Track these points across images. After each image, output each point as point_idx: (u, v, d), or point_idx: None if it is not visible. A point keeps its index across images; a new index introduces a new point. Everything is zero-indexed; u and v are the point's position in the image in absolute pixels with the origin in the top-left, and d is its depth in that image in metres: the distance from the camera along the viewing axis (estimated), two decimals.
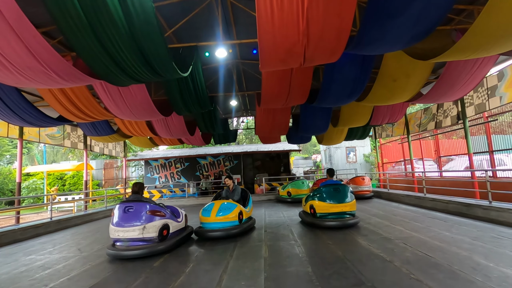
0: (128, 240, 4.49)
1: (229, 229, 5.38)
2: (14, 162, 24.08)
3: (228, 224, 5.45)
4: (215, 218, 5.42)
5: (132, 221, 4.44)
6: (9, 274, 3.98)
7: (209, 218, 5.45)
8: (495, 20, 3.42)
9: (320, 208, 5.88)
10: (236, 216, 5.53)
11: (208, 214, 5.49)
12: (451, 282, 2.88)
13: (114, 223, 4.50)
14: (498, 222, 5.44)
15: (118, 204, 4.69)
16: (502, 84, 6.92)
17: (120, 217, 4.50)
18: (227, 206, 5.62)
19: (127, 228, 4.42)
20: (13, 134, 8.55)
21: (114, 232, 4.50)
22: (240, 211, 5.67)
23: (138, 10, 3.60)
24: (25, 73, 3.91)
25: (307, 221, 6.21)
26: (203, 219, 5.53)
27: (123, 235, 4.44)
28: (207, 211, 5.57)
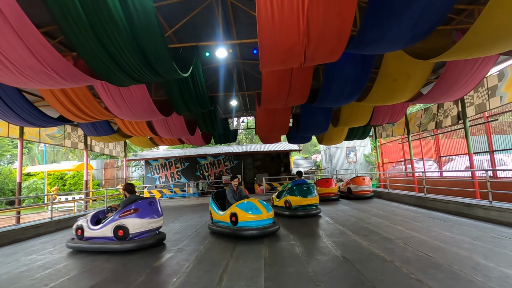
0: (156, 229, 5.28)
1: (272, 226, 5.46)
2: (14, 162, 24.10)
3: (271, 220, 5.55)
4: (268, 215, 5.41)
5: (158, 213, 5.25)
6: (9, 274, 3.98)
7: (262, 215, 5.33)
8: (495, 20, 3.42)
9: (295, 201, 7.54)
10: (272, 214, 5.58)
11: (260, 212, 5.34)
12: (452, 282, 2.87)
13: (146, 216, 5.01)
14: (499, 222, 5.44)
15: (139, 201, 5.09)
16: (502, 84, 6.92)
17: (150, 211, 5.10)
18: (265, 203, 5.63)
19: (157, 219, 5.20)
20: (13, 134, 8.56)
21: (147, 224, 5.02)
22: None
23: (139, 10, 3.60)
24: (25, 73, 3.92)
25: (285, 214, 7.60)
26: (252, 217, 5.29)
27: (155, 225, 5.16)
28: (254, 209, 5.36)
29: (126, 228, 4.84)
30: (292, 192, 7.65)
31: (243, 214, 5.32)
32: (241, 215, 5.32)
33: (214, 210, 6.10)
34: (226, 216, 5.57)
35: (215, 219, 6.07)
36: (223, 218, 5.71)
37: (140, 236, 4.99)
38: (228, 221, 5.52)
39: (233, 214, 5.41)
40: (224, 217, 5.67)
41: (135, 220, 4.89)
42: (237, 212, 5.36)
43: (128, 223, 4.85)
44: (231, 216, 5.44)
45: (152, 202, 5.22)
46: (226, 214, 5.59)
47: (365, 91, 6.75)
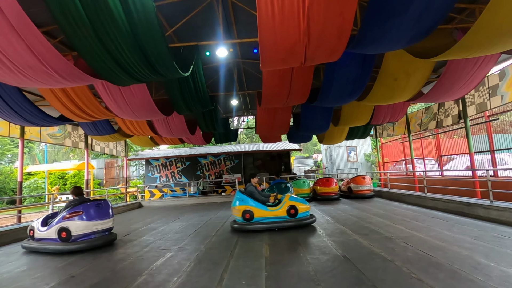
0: (104, 231, 5.39)
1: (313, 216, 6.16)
2: (15, 162, 24.14)
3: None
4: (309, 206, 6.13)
5: (107, 215, 5.43)
6: (11, 273, 3.99)
7: (308, 207, 6.11)
8: (496, 19, 3.41)
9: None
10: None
11: (307, 203, 6.13)
12: (452, 281, 2.87)
13: (94, 217, 5.21)
14: (499, 221, 5.44)
15: (85, 204, 5.27)
16: (503, 83, 6.90)
17: (96, 213, 5.27)
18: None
19: (105, 221, 5.34)
20: (14, 133, 8.57)
21: (92, 226, 5.18)
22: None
23: (139, 10, 3.60)
24: (26, 73, 3.92)
25: None
26: (306, 208, 6.04)
27: (101, 227, 5.30)
28: (303, 201, 6.10)
29: (69, 230, 5.00)
30: (272, 190, 9.02)
31: (300, 206, 5.88)
32: (299, 207, 5.87)
33: (260, 208, 5.97)
34: (282, 211, 5.86)
35: (258, 217, 5.95)
36: (272, 214, 5.91)
37: (84, 238, 5.14)
38: (283, 215, 5.88)
39: (291, 207, 5.86)
40: (275, 212, 5.90)
41: (78, 223, 5.06)
42: (295, 205, 5.90)
43: (71, 225, 5.02)
44: (290, 209, 5.86)
45: (100, 204, 5.39)
46: (282, 209, 5.86)
47: (366, 90, 6.74)
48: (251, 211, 5.97)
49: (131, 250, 4.94)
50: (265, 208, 5.95)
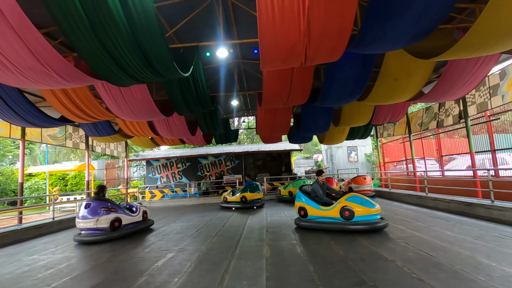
0: (87, 229, 5.91)
1: (381, 221, 5.35)
2: (16, 163, 24.17)
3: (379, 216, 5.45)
4: (377, 209, 5.34)
5: (90, 215, 5.88)
6: (12, 274, 4.00)
7: (372, 210, 5.30)
8: (497, 19, 3.41)
9: (249, 196, 10.16)
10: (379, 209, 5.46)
11: (373, 205, 5.34)
12: (453, 281, 2.87)
13: (79, 216, 5.93)
14: (501, 221, 5.42)
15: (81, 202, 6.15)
16: (504, 83, 6.89)
17: (82, 212, 5.93)
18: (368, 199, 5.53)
19: (86, 220, 5.85)
20: (15, 134, 8.59)
21: (78, 223, 5.93)
22: None
23: (139, 10, 3.60)
24: (26, 74, 3.93)
25: (241, 207, 10.11)
26: (370, 211, 5.29)
27: (83, 225, 5.87)
28: (367, 203, 5.36)
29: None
30: (245, 190, 10.31)
31: (366, 208, 5.27)
32: (356, 209, 5.29)
33: (312, 206, 5.83)
34: (335, 211, 5.52)
35: (311, 215, 5.85)
36: (327, 213, 5.62)
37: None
38: (336, 216, 5.49)
39: (345, 209, 5.40)
40: (330, 212, 5.59)
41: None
42: (351, 205, 5.34)
43: None
44: (343, 210, 5.42)
45: (89, 204, 6.00)
46: (335, 209, 5.53)
47: (366, 90, 6.73)
48: (306, 208, 5.92)
49: (132, 251, 4.94)
50: (317, 208, 5.78)
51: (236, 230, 6.22)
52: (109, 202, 6.23)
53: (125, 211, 6.42)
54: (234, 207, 10.30)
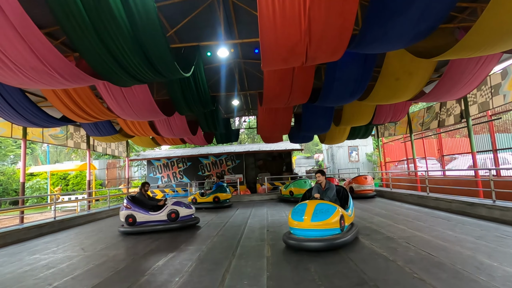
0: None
1: (331, 239, 4.15)
2: (18, 162, 24.25)
3: (327, 232, 4.23)
4: (310, 224, 4.23)
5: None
6: (13, 274, 4.01)
7: (302, 224, 4.30)
8: (498, 18, 3.40)
9: (222, 197, 10.87)
10: (337, 222, 4.23)
11: (301, 218, 4.33)
12: (455, 281, 2.86)
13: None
14: (502, 221, 5.41)
15: None
16: (505, 83, 6.87)
17: None
18: (325, 208, 4.38)
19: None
20: (16, 134, 8.61)
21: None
22: (341, 215, 4.36)
23: (140, 10, 3.61)
24: (28, 74, 3.94)
25: (213, 207, 10.66)
26: (294, 224, 4.41)
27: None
28: (298, 213, 4.45)
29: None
30: (217, 191, 10.96)
31: (290, 219, 4.52)
32: (290, 220, 4.54)
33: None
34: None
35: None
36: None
37: None
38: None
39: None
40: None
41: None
42: (289, 216, 4.60)
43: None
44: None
45: None
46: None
47: (367, 90, 6.72)
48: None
49: (133, 250, 4.95)
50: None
51: (237, 229, 6.22)
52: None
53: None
54: (205, 207, 10.62)
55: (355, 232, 4.69)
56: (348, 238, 4.30)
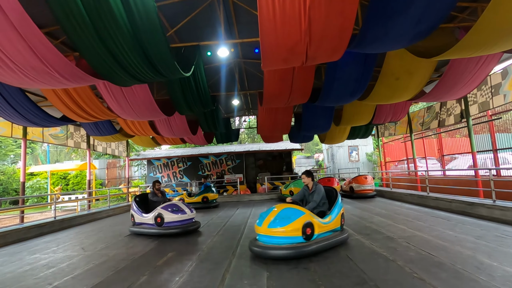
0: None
1: (295, 247, 3.85)
2: (18, 162, 24.24)
3: (287, 240, 3.91)
4: (267, 230, 4.00)
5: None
6: (13, 273, 4.01)
7: (260, 229, 4.11)
8: (499, 18, 3.39)
9: (210, 197, 10.99)
10: (299, 230, 3.88)
11: (260, 223, 4.15)
12: (455, 281, 2.86)
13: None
14: (502, 221, 5.41)
15: None
16: (506, 82, 6.87)
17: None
18: (289, 214, 4.08)
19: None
20: (17, 134, 8.61)
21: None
22: (308, 222, 3.97)
23: (140, 10, 3.61)
24: (28, 73, 3.94)
25: (201, 207, 10.59)
26: (256, 229, 4.23)
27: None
28: (261, 217, 4.27)
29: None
30: (205, 191, 11.09)
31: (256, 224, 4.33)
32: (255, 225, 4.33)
33: None
34: None
35: None
36: None
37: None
38: None
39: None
40: None
41: None
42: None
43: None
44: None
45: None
46: None
47: (367, 89, 6.72)
48: None
49: (134, 250, 4.96)
50: None
51: (237, 229, 6.23)
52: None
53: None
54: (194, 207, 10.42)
55: (333, 241, 4.26)
56: (314, 248, 3.93)
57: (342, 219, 4.62)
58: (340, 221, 4.55)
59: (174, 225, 5.89)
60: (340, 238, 4.42)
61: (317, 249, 3.99)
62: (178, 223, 5.93)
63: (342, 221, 4.62)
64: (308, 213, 4.15)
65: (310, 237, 3.99)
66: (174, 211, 5.96)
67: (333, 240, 4.30)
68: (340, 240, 4.41)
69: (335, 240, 4.32)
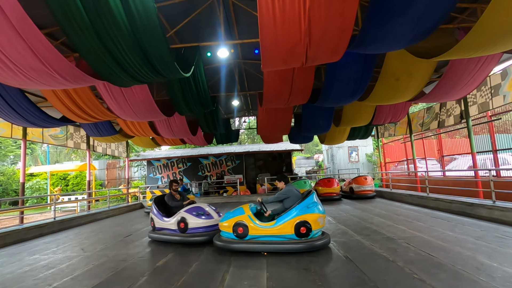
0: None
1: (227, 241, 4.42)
2: (17, 163, 24.24)
3: (225, 234, 4.54)
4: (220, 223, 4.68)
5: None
6: (13, 274, 4.01)
7: None
8: (498, 18, 3.40)
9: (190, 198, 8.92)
10: (230, 227, 4.40)
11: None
12: (455, 282, 2.86)
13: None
14: (502, 221, 5.41)
15: None
16: (505, 83, 6.88)
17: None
18: (234, 211, 4.58)
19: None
20: (16, 134, 8.61)
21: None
22: (239, 222, 4.37)
23: (140, 11, 3.61)
24: (28, 74, 3.94)
25: None
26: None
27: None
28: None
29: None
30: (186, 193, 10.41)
31: None
32: None
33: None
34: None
35: None
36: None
37: None
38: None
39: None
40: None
41: None
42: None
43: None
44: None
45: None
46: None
47: (367, 90, 6.72)
48: None
49: (133, 250, 4.95)
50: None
51: None
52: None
53: None
54: None
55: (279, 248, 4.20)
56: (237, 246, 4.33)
57: (303, 227, 4.15)
58: (294, 228, 4.16)
59: (199, 231, 5.09)
60: (287, 246, 4.16)
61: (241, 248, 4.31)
62: (203, 229, 5.09)
63: (302, 229, 4.14)
64: (247, 215, 4.40)
65: (242, 236, 4.33)
66: (199, 215, 5.16)
67: (278, 245, 4.19)
68: (287, 248, 4.16)
69: (280, 247, 4.18)
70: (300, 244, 4.15)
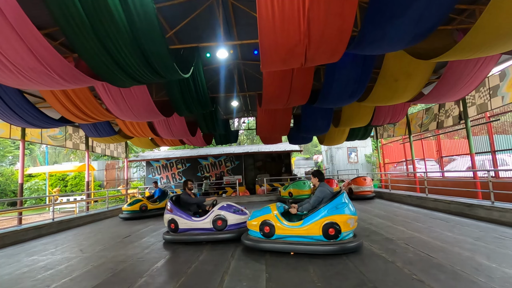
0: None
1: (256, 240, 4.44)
2: (16, 163, 24.16)
3: (252, 233, 4.57)
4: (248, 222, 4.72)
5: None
6: (11, 275, 3.99)
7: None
8: (497, 20, 3.42)
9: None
10: (256, 226, 4.41)
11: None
12: (453, 282, 2.86)
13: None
14: (501, 222, 5.42)
15: None
16: (504, 84, 6.90)
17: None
18: (262, 210, 4.59)
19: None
20: (15, 135, 8.59)
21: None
22: (265, 221, 4.37)
23: (140, 11, 3.61)
24: (27, 75, 3.93)
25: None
26: None
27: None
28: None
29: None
30: (163, 197, 10.10)
31: None
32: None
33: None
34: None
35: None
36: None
37: None
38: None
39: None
40: None
41: None
42: None
43: None
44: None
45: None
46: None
47: (366, 91, 6.74)
48: None
49: (132, 251, 4.94)
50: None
51: None
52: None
53: None
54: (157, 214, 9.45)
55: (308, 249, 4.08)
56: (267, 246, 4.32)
57: (331, 228, 4.02)
58: (322, 229, 4.04)
59: (235, 228, 5.19)
60: (315, 248, 4.04)
61: (269, 247, 4.28)
62: (237, 227, 5.20)
63: (331, 230, 4.02)
64: (273, 214, 4.36)
65: (268, 235, 4.31)
66: (236, 211, 5.27)
67: (306, 247, 4.09)
68: (315, 249, 4.04)
69: (308, 248, 4.07)
70: (331, 246, 3.99)
